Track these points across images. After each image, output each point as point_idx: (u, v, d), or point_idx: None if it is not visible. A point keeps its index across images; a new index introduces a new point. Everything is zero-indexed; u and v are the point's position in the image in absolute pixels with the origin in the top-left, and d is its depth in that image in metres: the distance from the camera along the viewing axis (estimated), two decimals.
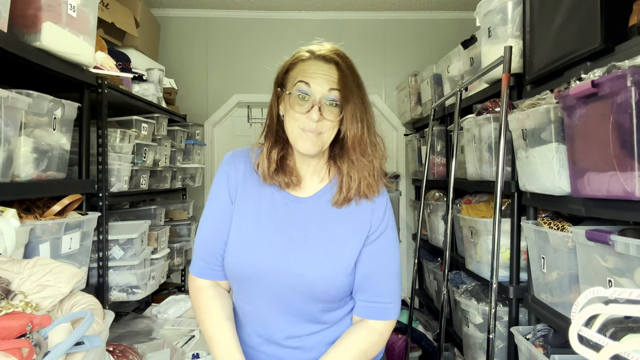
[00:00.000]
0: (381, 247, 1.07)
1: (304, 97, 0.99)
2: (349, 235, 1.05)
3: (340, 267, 1.03)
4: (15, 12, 1.35)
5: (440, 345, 2.38)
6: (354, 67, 1.04)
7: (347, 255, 1.04)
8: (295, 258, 1.03)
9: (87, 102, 1.84)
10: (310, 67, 1.01)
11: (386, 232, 1.08)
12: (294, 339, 1.06)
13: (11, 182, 1.35)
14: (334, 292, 1.04)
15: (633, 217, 1.12)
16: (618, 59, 1.16)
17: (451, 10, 3.82)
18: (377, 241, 1.07)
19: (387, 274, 1.08)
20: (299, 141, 1.01)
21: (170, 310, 2.49)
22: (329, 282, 1.02)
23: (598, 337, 0.80)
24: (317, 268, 1.02)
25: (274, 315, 1.06)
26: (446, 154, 2.91)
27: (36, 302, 1.03)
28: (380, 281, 1.07)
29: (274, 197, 1.08)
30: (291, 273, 1.02)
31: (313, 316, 1.06)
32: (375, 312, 1.06)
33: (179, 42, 3.79)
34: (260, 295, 1.05)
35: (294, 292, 1.03)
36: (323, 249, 1.04)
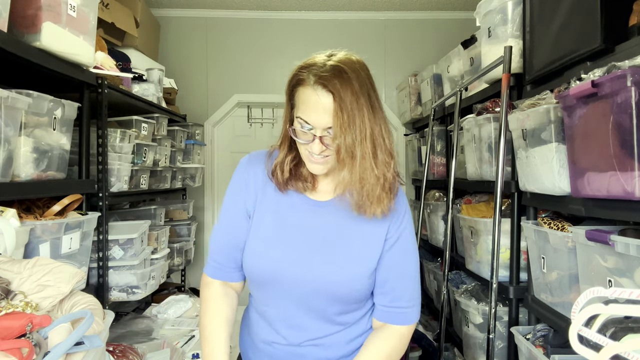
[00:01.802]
0: (400, 252, 1.07)
1: (305, 133, 0.99)
2: (367, 238, 1.06)
3: (360, 269, 1.04)
4: (15, 12, 1.35)
5: (440, 345, 2.38)
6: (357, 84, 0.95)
7: (367, 258, 1.05)
8: (316, 261, 1.04)
9: (87, 102, 1.84)
10: (310, 98, 0.96)
11: (404, 236, 1.08)
12: (315, 339, 1.08)
13: (11, 182, 1.35)
14: (356, 294, 1.05)
15: (633, 217, 1.12)
16: (618, 59, 1.16)
17: (451, 10, 3.82)
18: (396, 245, 1.07)
19: (406, 278, 1.08)
20: (308, 164, 1.03)
21: (170, 310, 2.49)
22: (350, 284, 1.04)
23: (598, 337, 0.80)
24: (338, 270, 1.03)
25: (295, 316, 1.07)
26: (446, 154, 2.91)
27: (36, 302, 1.03)
28: (399, 286, 1.07)
29: (294, 200, 1.10)
30: (312, 275, 1.03)
31: (333, 317, 1.07)
32: (395, 316, 1.07)
33: (179, 42, 3.79)
34: (282, 298, 1.07)
35: (316, 294, 1.04)
36: (343, 251, 1.05)
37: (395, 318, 1.07)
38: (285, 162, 1.08)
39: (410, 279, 1.08)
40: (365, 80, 0.98)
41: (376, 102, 1.00)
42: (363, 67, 1.00)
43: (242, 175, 1.13)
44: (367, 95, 0.97)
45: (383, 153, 0.99)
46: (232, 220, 1.12)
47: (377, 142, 0.98)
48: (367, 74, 1.00)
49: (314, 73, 0.95)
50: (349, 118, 0.93)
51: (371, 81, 1.01)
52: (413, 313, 1.08)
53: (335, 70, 0.95)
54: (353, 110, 0.94)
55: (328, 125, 0.95)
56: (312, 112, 0.96)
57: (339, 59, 0.98)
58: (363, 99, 0.95)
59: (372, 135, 0.97)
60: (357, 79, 0.96)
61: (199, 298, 2.70)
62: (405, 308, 1.07)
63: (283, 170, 1.08)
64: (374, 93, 1.00)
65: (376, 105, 1.00)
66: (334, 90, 0.93)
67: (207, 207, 3.87)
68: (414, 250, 1.10)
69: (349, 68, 0.96)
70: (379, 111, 1.00)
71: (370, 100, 0.97)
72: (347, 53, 1.01)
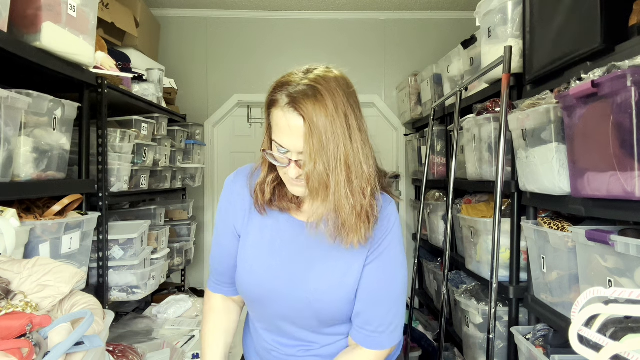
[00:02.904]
0: (380, 269, 1.01)
1: (281, 153, 0.94)
2: (352, 260, 1.01)
3: (342, 294, 1.00)
4: (15, 12, 1.35)
5: (440, 345, 2.38)
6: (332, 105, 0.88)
7: (350, 282, 1.00)
8: (300, 283, 1.02)
9: (87, 102, 1.84)
10: (281, 121, 0.91)
11: (387, 251, 1.01)
12: (312, 350, 1.07)
13: (11, 182, 1.35)
14: (340, 316, 1.03)
15: (633, 217, 1.12)
16: (618, 59, 1.15)
17: (451, 10, 3.82)
18: (376, 262, 1.01)
19: (378, 303, 1.01)
20: (289, 186, 0.99)
21: (170, 310, 2.49)
22: (333, 307, 1.01)
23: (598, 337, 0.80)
24: (320, 296, 1.00)
25: (289, 331, 1.07)
26: (446, 154, 2.91)
27: (36, 302, 1.03)
28: (369, 310, 1.01)
29: (279, 221, 1.07)
30: (296, 297, 1.02)
31: (325, 330, 1.06)
32: (364, 339, 1.02)
33: (179, 42, 3.79)
34: (271, 315, 1.08)
35: (301, 314, 1.03)
36: (326, 275, 1.01)
37: (364, 340, 1.02)
38: (266, 182, 1.04)
39: (382, 304, 1.01)
40: (342, 99, 0.90)
41: (355, 122, 0.92)
42: (342, 84, 0.93)
43: (228, 197, 1.12)
44: (345, 116, 0.89)
45: (359, 179, 0.92)
46: (224, 240, 1.12)
47: (353, 168, 0.91)
48: (347, 92, 0.92)
49: (287, 94, 0.90)
50: (319, 143, 0.87)
51: (352, 99, 0.93)
52: (387, 339, 1.01)
53: (309, 90, 0.88)
54: (326, 135, 0.87)
55: (300, 150, 0.90)
56: (284, 136, 0.91)
57: (314, 77, 0.91)
58: (339, 121, 0.88)
59: (347, 161, 0.90)
60: (333, 99, 0.88)
61: (199, 298, 2.71)
62: (374, 332, 1.01)
63: (264, 191, 1.04)
64: (353, 113, 0.92)
65: (354, 127, 0.91)
66: (304, 113, 0.87)
67: (207, 207, 3.87)
68: (397, 268, 1.02)
69: (324, 87, 0.89)
70: (357, 133, 0.92)
71: (347, 122, 0.90)
72: (326, 69, 0.95)
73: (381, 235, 1.01)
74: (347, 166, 0.90)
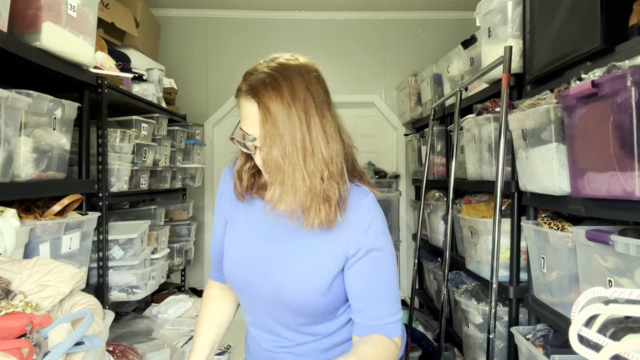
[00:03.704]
0: (370, 266, 1.00)
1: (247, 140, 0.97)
2: (326, 253, 0.99)
3: (313, 287, 0.99)
4: (15, 12, 1.35)
5: (440, 345, 2.38)
6: (288, 92, 0.91)
7: (323, 275, 0.99)
8: (273, 272, 1.02)
9: (87, 102, 1.84)
10: (243, 108, 0.95)
11: (374, 249, 0.99)
12: (288, 347, 1.07)
13: (11, 182, 1.35)
14: (316, 309, 1.01)
15: (633, 217, 1.12)
16: (618, 59, 1.16)
17: (451, 10, 3.82)
18: (364, 260, 0.99)
19: (381, 293, 1.01)
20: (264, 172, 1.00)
21: (170, 310, 2.49)
22: (305, 299, 1.00)
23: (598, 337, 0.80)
24: (292, 285, 1.00)
25: (267, 324, 1.08)
26: (446, 154, 2.91)
27: (36, 302, 1.03)
28: (373, 304, 1.01)
29: (258, 208, 1.07)
30: (270, 287, 1.02)
31: (300, 328, 1.05)
32: (376, 330, 1.02)
33: (179, 42, 3.79)
34: (252, 306, 1.10)
35: (275, 305, 1.03)
36: (300, 266, 1.00)
37: (376, 331, 1.01)
38: (243, 169, 1.05)
39: (385, 293, 1.01)
40: (300, 86, 0.91)
41: (314, 109, 0.92)
42: (304, 71, 0.94)
43: (221, 185, 1.16)
44: (303, 102, 0.90)
45: (318, 163, 0.92)
46: (217, 228, 1.16)
47: (309, 153, 0.91)
48: (308, 78, 0.93)
49: (248, 82, 0.93)
50: (274, 129, 0.89)
51: (314, 86, 0.94)
52: (394, 327, 1.02)
53: (266, 78, 0.91)
54: (282, 121, 0.89)
55: (257, 135, 0.92)
56: (245, 124, 0.94)
57: (274, 65, 0.94)
58: (294, 107, 0.90)
59: (304, 146, 0.90)
60: (290, 86, 0.90)
61: (199, 298, 2.71)
62: (385, 324, 1.01)
63: (242, 178, 1.05)
64: (312, 99, 0.92)
65: (313, 113, 0.92)
66: (259, 100, 0.90)
67: (207, 207, 3.87)
68: (387, 262, 1.01)
69: (281, 75, 0.91)
70: (317, 119, 0.92)
71: (305, 107, 0.91)
72: (289, 57, 0.97)
73: (362, 232, 0.99)
74: (303, 151, 0.91)
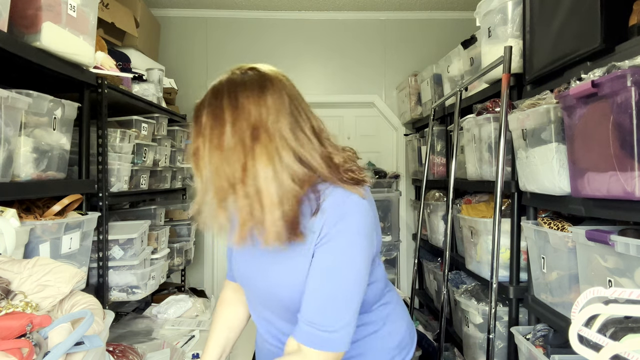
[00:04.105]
0: (326, 259, 0.92)
1: None
2: (300, 248, 0.94)
3: (294, 281, 0.95)
4: (15, 12, 1.35)
5: (440, 345, 2.38)
6: (203, 117, 0.92)
7: (299, 270, 0.95)
8: (262, 268, 1.03)
9: (87, 102, 1.84)
10: None
11: (335, 241, 0.91)
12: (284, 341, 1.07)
13: (11, 182, 1.35)
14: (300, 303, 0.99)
15: (633, 217, 1.12)
16: (618, 59, 1.16)
17: (451, 10, 3.82)
18: (322, 250, 0.92)
19: (327, 292, 0.91)
20: None
21: (170, 310, 2.49)
22: (289, 295, 0.97)
23: (598, 337, 0.80)
24: (276, 282, 0.99)
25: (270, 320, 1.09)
26: (446, 154, 2.91)
27: (36, 302, 1.03)
28: (318, 300, 0.91)
29: None
30: (263, 284, 1.04)
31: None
32: (303, 334, 0.91)
33: (179, 42, 3.79)
34: (254, 303, 1.13)
35: (272, 301, 1.04)
36: (280, 262, 0.98)
37: (304, 336, 0.91)
38: None
39: (333, 295, 0.91)
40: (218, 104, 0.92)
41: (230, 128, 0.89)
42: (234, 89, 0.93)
43: None
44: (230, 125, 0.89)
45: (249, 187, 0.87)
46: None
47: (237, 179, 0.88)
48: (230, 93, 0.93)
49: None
50: (205, 143, 0.91)
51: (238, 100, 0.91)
52: (324, 339, 0.89)
53: (211, 90, 0.97)
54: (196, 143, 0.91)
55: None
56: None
57: (219, 82, 0.97)
58: (216, 131, 0.89)
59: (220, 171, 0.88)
60: (212, 105, 0.92)
61: (199, 298, 2.71)
62: (315, 329, 0.90)
63: None
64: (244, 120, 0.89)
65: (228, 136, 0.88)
66: (196, 113, 0.95)
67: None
68: (339, 269, 0.91)
69: (219, 91, 0.94)
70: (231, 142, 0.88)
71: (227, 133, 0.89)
72: (230, 72, 0.99)
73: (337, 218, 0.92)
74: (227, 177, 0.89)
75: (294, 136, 0.90)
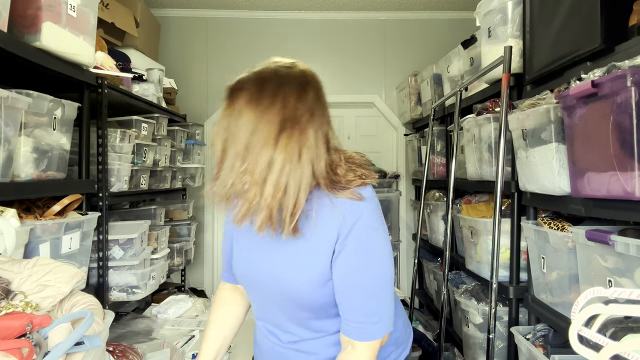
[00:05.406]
0: (349, 259, 0.96)
1: None
2: (316, 245, 0.98)
3: (308, 278, 0.98)
4: (15, 12, 1.35)
5: (440, 345, 2.38)
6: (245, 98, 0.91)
7: (315, 266, 0.98)
8: (272, 266, 1.03)
9: (87, 102, 1.84)
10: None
11: (356, 242, 0.96)
12: (295, 342, 1.08)
13: (11, 182, 1.35)
14: (313, 302, 1.01)
15: (633, 217, 1.12)
16: (618, 59, 1.16)
17: (451, 10, 3.82)
18: (344, 252, 0.96)
19: (358, 289, 0.97)
20: None
21: (170, 310, 2.49)
22: (304, 291, 0.99)
23: (598, 337, 0.80)
24: (290, 277, 1.00)
25: (275, 318, 1.09)
26: (446, 154, 2.91)
27: (36, 302, 1.03)
28: (351, 298, 0.97)
29: None
30: (272, 281, 1.04)
31: (307, 322, 1.05)
32: (352, 330, 0.98)
33: (179, 42, 3.78)
34: (259, 301, 1.12)
35: (281, 298, 1.04)
36: (291, 260, 1.01)
37: (353, 332, 0.98)
38: None
39: (362, 292, 0.97)
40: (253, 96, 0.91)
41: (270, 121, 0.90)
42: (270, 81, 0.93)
43: None
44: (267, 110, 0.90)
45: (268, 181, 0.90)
46: (226, 229, 1.20)
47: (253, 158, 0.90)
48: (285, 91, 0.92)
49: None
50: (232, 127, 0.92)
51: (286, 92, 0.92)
52: (371, 330, 0.97)
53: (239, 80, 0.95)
54: (244, 115, 0.91)
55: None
56: None
57: (256, 71, 0.96)
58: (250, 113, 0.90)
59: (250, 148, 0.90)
60: (253, 89, 0.92)
61: (199, 298, 2.71)
62: (361, 323, 0.97)
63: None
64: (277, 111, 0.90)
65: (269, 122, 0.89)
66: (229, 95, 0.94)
67: (207, 207, 3.87)
68: (369, 262, 0.97)
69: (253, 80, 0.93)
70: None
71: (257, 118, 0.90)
72: (273, 63, 0.98)
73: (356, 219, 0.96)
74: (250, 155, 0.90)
75: (316, 138, 0.92)
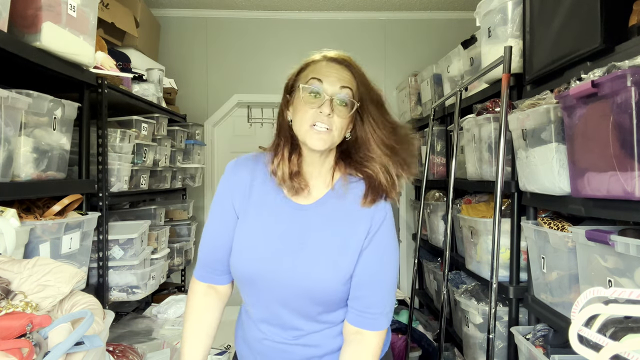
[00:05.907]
0: (375, 255, 1.06)
1: (316, 95, 1.01)
2: (347, 243, 1.05)
3: (336, 275, 1.03)
4: (15, 12, 1.35)
5: (440, 345, 2.38)
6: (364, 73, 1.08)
7: (344, 264, 1.04)
8: (292, 264, 1.04)
9: (87, 102, 1.84)
10: (323, 67, 1.04)
11: (381, 239, 1.07)
12: (299, 337, 1.08)
13: (11, 182, 1.35)
14: (334, 297, 1.05)
15: (633, 217, 1.12)
16: (618, 59, 1.16)
17: (451, 10, 3.82)
18: (370, 248, 1.06)
19: (379, 283, 1.06)
20: (307, 138, 1.02)
21: (170, 310, 2.49)
22: (326, 289, 1.04)
23: (598, 337, 0.80)
24: (314, 277, 1.03)
25: (279, 315, 1.08)
26: (446, 154, 2.91)
27: (36, 302, 1.03)
28: (373, 291, 1.06)
29: (277, 204, 1.10)
30: (289, 278, 1.04)
31: (316, 316, 1.07)
32: (368, 322, 1.05)
33: (179, 42, 3.79)
34: (264, 298, 1.09)
35: (294, 296, 1.04)
36: (320, 257, 1.04)
37: (367, 323, 1.05)
38: (292, 157, 1.09)
39: (383, 284, 1.07)
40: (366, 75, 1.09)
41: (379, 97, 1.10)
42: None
43: (229, 179, 1.15)
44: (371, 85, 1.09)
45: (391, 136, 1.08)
46: (220, 223, 1.14)
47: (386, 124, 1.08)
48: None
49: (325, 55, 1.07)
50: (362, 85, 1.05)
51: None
52: (384, 320, 1.07)
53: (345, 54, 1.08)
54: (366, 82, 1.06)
55: (341, 84, 1.02)
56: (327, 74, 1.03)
57: (343, 52, 1.09)
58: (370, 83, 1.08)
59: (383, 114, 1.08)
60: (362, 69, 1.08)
61: None
62: (376, 314, 1.05)
63: (292, 164, 1.08)
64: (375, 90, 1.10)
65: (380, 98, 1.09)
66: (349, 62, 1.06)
67: (207, 207, 3.87)
68: (390, 255, 1.08)
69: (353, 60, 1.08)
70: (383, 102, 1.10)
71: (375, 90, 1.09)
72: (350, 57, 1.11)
73: (382, 219, 1.07)
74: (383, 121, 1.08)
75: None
